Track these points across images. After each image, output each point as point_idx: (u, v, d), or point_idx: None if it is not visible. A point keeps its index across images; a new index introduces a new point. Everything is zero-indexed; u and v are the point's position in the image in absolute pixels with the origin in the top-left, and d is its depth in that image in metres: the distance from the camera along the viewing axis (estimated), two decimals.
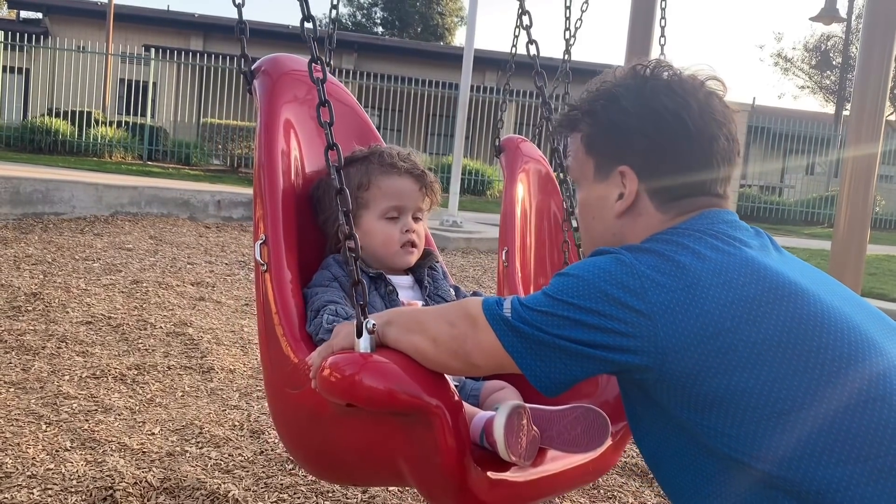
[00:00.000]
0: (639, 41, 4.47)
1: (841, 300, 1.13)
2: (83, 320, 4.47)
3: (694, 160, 1.22)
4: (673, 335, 1.05)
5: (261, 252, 1.67)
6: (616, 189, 1.25)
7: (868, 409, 1.01)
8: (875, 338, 1.09)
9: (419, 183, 1.77)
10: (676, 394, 1.08)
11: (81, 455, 2.80)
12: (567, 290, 1.11)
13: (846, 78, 25.47)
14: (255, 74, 1.86)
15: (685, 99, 1.21)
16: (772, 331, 1.04)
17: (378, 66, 19.93)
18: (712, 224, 1.19)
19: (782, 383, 1.03)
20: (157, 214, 8.21)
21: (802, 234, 14.37)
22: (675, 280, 1.08)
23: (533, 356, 1.12)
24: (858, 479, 0.99)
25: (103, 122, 15.45)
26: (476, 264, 7.68)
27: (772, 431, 1.02)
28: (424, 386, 1.24)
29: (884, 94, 3.89)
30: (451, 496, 1.32)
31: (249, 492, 2.64)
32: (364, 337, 1.28)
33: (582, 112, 1.30)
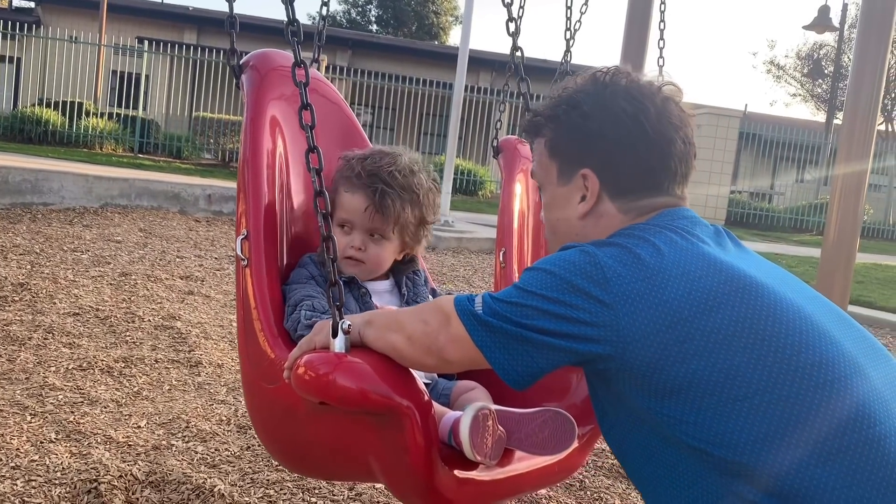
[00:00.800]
0: (634, 44, 4.48)
1: (793, 292, 1.18)
2: (70, 311, 4.44)
3: (652, 162, 1.27)
4: (633, 324, 1.10)
5: (242, 247, 1.68)
6: (578, 191, 1.31)
7: (817, 393, 1.06)
8: (825, 326, 1.14)
9: (368, 202, 1.71)
10: (637, 383, 1.13)
11: (66, 447, 2.78)
12: (534, 281, 1.16)
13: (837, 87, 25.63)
14: (243, 69, 1.86)
15: (643, 103, 1.27)
16: (727, 320, 1.09)
17: (372, 64, 19.91)
18: (672, 221, 1.24)
19: (737, 370, 1.07)
20: (147, 207, 8.17)
21: (791, 240, 14.45)
22: (635, 271, 1.13)
23: (500, 349, 1.17)
24: (808, 461, 1.03)
25: (95, 113, 15.34)
26: (467, 264, 7.68)
27: (727, 417, 1.06)
28: (396, 387, 1.28)
29: (876, 104, 3.91)
30: (419, 494, 1.37)
31: (235, 487, 2.63)
32: (339, 337, 1.31)
33: (545, 118, 1.36)
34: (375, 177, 1.72)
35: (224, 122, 15.20)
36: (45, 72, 16.76)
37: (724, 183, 15.74)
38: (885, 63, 3.93)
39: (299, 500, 2.60)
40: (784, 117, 28.77)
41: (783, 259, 10.50)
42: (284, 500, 2.58)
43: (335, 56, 21.79)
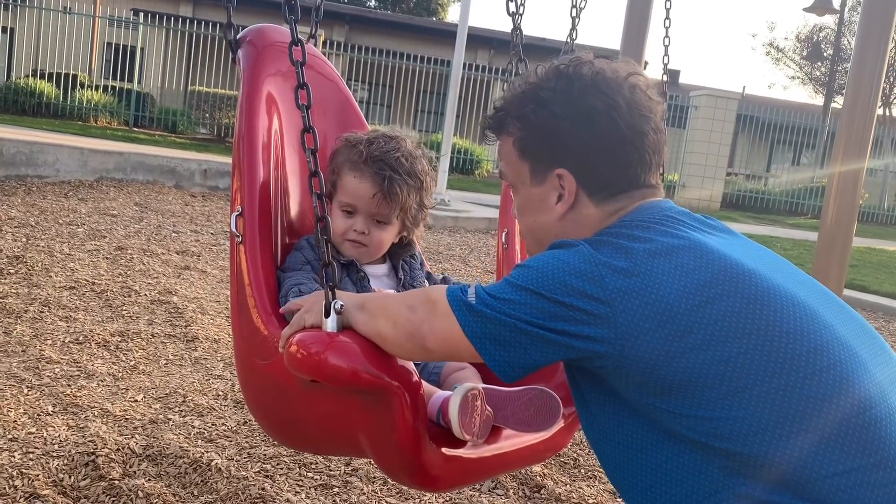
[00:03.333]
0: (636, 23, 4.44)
1: (785, 278, 1.18)
2: (66, 285, 4.43)
3: (627, 157, 1.26)
4: (631, 322, 1.09)
5: (236, 224, 1.69)
6: (555, 191, 1.29)
7: (815, 380, 1.07)
8: (818, 312, 1.14)
9: (375, 189, 1.72)
10: (636, 379, 1.11)
11: (63, 420, 2.79)
12: (529, 279, 1.15)
13: (836, 70, 25.56)
14: (239, 44, 1.85)
15: (613, 98, 1.25)
16: (722, 313, 1.09)
17: (369, 40, 19.73)
18: (654, 214, 1.24)
19: (735, 362, 1.07)
20: (142, 181, 8.13)
21: (786, 223, 14.48)
22: (630, 266, 1.12)
23: (493, 342, 1.16)
24: (809, 448, 1.04)
25: (89, 85, 15.19)
26: (463, 243, 7.68)
27: (729, 409, 1.06)
28: (386, 366, 1.30)
29: (877, 90, 3.90)
30: (407, 471, 1.40)
31: (232, 461, 2.64)
32: (332, 317, 1.33)
33: (511, 116, 1.33)
34: (382, 162, 1.72)
35: (220, 96, 15.09)
36: (39, 43, 16.58)
37: (720, 165, 15.72)
38: (886, 49, 3.91)
39: (296, 475, 2.62)
40: (782, 100, 28.72)
41: (778, 242, 10.53)
42: (281, 475, 2.60)
43: (332, 31, 21.59)
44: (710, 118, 15.51)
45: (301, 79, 1.48)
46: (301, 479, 2.60)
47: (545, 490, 2.72)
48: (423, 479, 1.43)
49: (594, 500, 2.67)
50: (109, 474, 2.44)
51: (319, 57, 2.03)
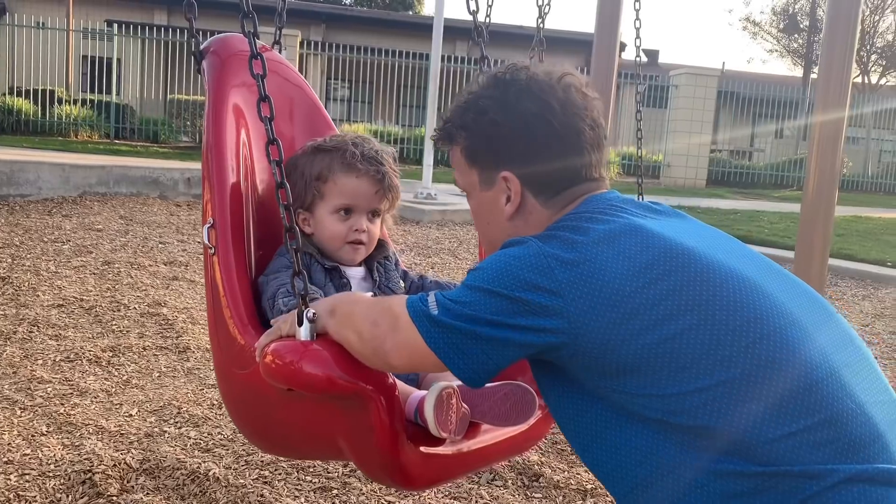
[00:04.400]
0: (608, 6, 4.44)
1: (724, 253, 1.23)
2: (54, 303, 4.41)
3: (566, 155, 1.32)
4: (582, 308, 1.14)
5: (209, 235, 1.70)
6: (502, 194, 1.35)
7: (757, 348, 1.11)
8: (758, 282, 1.19)
9: (377, 186, 1.77)
10: (592, 365, 1.16)
11: (58, 439, 2.78)
12: (483, 279, 1.19)
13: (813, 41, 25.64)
14: (204, 54, 1.85)
15: (545, 100, 1.31)
16: (666, 291, 1.14)
17: (347, 38, 19.65)
18: (597, 205, 1.30)
19: (681, 338, 1.12)
20: (126, 194, 8.08)
21: (772, 197, 14.55)
22: (576, 256, 1.17)
23: (455, 350, 1.19)
24: (756, 415, 1.09)
25: (67, 100, 15.08)
26: (451, 236, 7.68)
27: (680, 384, 1.11)
28: (360, 371, 1.33)
29: (850, 55, 3.92)
30: (386, 471, 1.44)
31: (230, 470, 2.64)
32: (304, 325, 1.35)
33: (456, 126, 1.40)
34: (375, 160, 1.76)
35: (200, 103, 15.00)
36: (14, 60, 16.43)
37: (704, 143, 15.77)
38: (857, 13, 3.93)
39: (294, 480, 2.62)
40: (762, 74, 28.80)
41: (765, 216, 10.58)
42: (280, 480, 2.61)
43: (309, 31, 21.48)
44: (691, 97, 15.55)
45: (262, 91, 1.49)
46: (300, 483, 2.60)
47: (543, 478, 2.73)
48: (403, 479, 1.46)
49: (592, 486, 2.69)
50: (107, 491, 2.44)
51: (284, 63, 2.04)
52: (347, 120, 20.10)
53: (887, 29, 28.08)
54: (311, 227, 1.79)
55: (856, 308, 6.05)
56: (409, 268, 2.00)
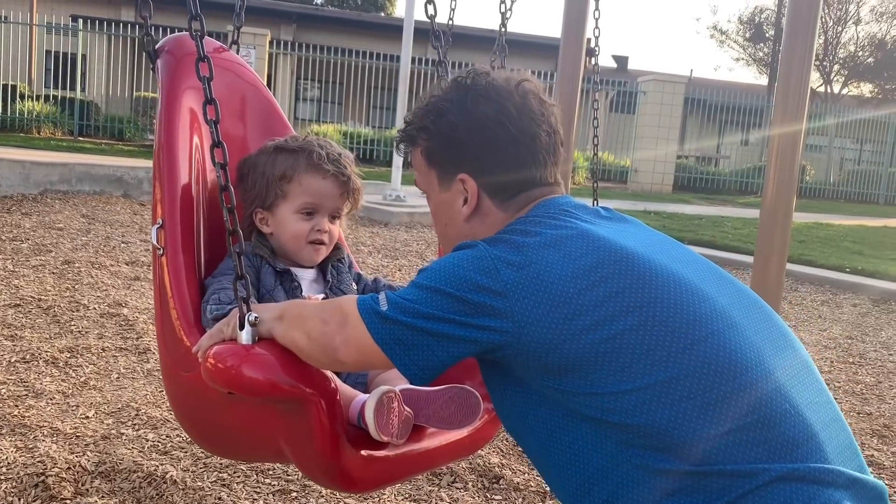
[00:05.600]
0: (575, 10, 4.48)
1: (668, 258, 1.26)
2: (11, 303, 4.32)
3: (521, 159, 1.35)
4: (526, 309, 1.17)
5: (157, 236, 1.70)
6: (460, 195, 1.38)
7: (694, 349, 1.15)
8: (698, 286, 1.23)
9: (342, 188, 1.78)
10: (535, 364, 1.19)
11: (11, 441, 2.73)
12: (433, 279, 1.22)
13: (778, 50, 26.09)
14: (158, 54, 1.85)
15: (503, 105, 1.34)
16: (608, 293, 1.17)
17: (318, 38, 19.55)
18: (549, 209, 1.33)
19: (621, 338, 1.15)
20: (89, 192, 7.95)
21: (737, 203, 14.78)
22: (522, 258, 1.20)
23: (401, 346, 1.21)
24: (692, 414, 1.11)
25: (30, 96, 14.79)
26: (420, 238, 7.68)
27: (618, 384, 1.14)
28: (301, 375, 1.33)
29: (808, 63, 3.99)
30: (327, 475, 1.45)
31: (188, 473, 2.61)
32: (246, 329, 1.35)
33: (416, 128, 1.43)
34: (338, 162, 1.78)
35: None
36: None
37: (671, 149, 15.97)
38: (816, 21, 4.01)
39: (253, 482, 2.60)
40: (728, 81, 29.24)
41: (729, 221, 10.74)
42: (238, 483, 2.58)
43: (279, 30, 21.33)
44: (659, 103, 15.74)
45: (208, 94, 1.48)
46: (258, 486, 2.58)
47: (503, 480, 2.74)
48: (345, 482, 1.47)
49: None
50: (61, 494, 2.39)
51: (240, 63, 2.04)
52: (317, 120, 20.00)
53: (850, 40, 28.71)
54: (269, 226, 1.78)
55: (814, 313, 6.18)
56: (376, 270, 2.01)
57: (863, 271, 7.69)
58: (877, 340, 5.43)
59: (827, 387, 1.27)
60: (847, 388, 4.26)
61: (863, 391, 4.23)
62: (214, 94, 1.49)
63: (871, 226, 12.00)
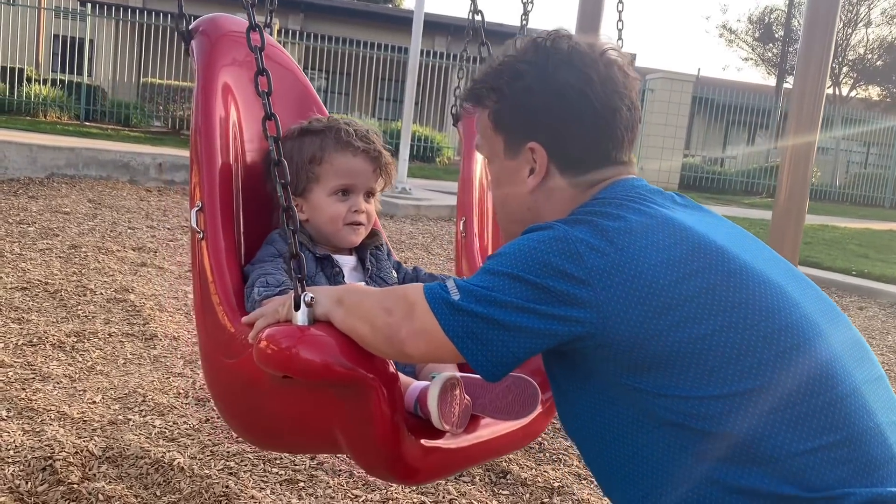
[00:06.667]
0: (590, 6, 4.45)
1: (752, 255, 1.18)
2: (18, 286, 4.31)
3: (599, 133, 1.26)
4: (612, 299, 1.08)
5: (197, 219, 1.64)
6: (527, 165, 1.28)
7: (785, 358, 1.08)
8: (787, 290, 1.15)
9: (374, 164, 1.73)
10: (616, 359, 1.10)
11: (18, 424, 2.72)
12: (507, 264, 1.12)
13: (787, 51, 26.01)
14: (192, 35, 1.81)
15: (587, 73, 1.24)
16: (700, 287, 1.09)
17: (326, 28, 19.50)
18: (626, 191, 1.23)
19: (711, 339, 1.07)
20: (95, 177, 7.94)
21: (742, 203, 14.75)
22: (608, 244, 1.10)
23: (474, 340, 1.12)
24: (779, 426, 1.05)
25: (37, 79, 14.77)
26: (425, 231, 7.66)
27: (705, 388, 1.06)
28: (359, 358, 1.26)
29: (825, 70, 3.97)
30: (386, 465, 1.36)
31: (195, 460, 2.61)
32: (301, 310, 1.29)
33: (487, 88, 1.32)
34: (367, 139, 1.73)
35: (174, 88, 14.80)
36: None
37: (677, 147, 15.94)
38: (834, 28, 3.98)
39: (260, 471, 2.59)
40: (736, 81, 29.16)
41: (734, 221, 10.71)
42: (245, 472, 2.58)
43: (287, 20, 21.28)
44: (667, 101, 15.70)
45: (260, 64, 1.43)
46: (265, 475, 2.57)
47: (511, 475, 2.73)
48: (404, 473, 1.40)
49: (559, 484, 2.70)
50: (68, 478, 2.39)
51: (276, 46, 2.00)
52: None
53: (859, 42, 28.60)
54: (304, 213, 1.73)
55: None
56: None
57: (869, 275, 7.67)
58: (883, 344, 5.42)
59: None
60: None
61: None
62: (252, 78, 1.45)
63: (877, 229, 11.97)
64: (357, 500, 2.50)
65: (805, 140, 3.98)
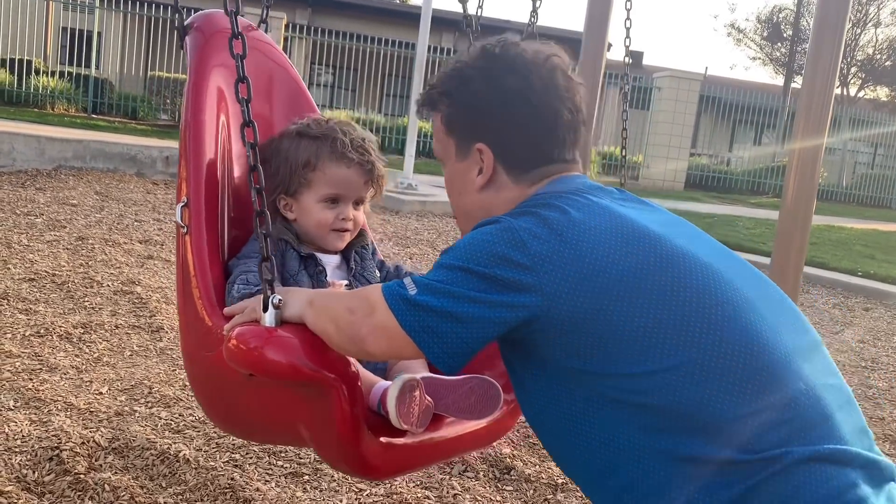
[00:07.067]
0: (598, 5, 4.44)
1: (687, 240, 1.26)
2: (26, 277, 4.34)
3: (541, 134, 1.35)
4: (554, 282, 1.16)
5: (182, 214, 1.69)
6: (476, 165, 1.37)
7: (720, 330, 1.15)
8: (717, 268, 1.22)
9: (367, 176, 1.77)
10: (564, 342, 1.17)
11: (26, 415, 2.74)
12: (457, 257, 1.20)
13: (796, 51, 25.91)
14: (187, 31, 1.84)
15: (528, 79, 1.32)
16: (634, 268, 1.17)
17: (333, 23, 19.50)
18: (567, 186, 1.32)
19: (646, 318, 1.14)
20: (102, 169, 7.96)
21: (749, 203, 14.71)
22: (549, 232, 1.19)
23: (429, 333, 1.18)
24: (718, 393, 1.11)
25: (45, 71, 14.81)
26: (431, 227, 7.67)
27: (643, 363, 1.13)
28: (323, 359, 1.32)
29: (834, 72, 3.95)
30: (346, 461, 1.45)
31: (201, 452, 2.62)
32: (269, 311, 1.34)
33: (439, 93, 1.41)
34: (363, 149, 1.76)
35: (181, 81, 14.79)
36: None
37: (683, 146, 15.90)
38: (843, 29, 3.97)
39: (265, 464, 2.61)
40: (744, 80, 29.07)
41: (740, 221, 10.69)
42: (251, 464, 2.59)
43: (294, 14, 21.27)
44: (674, 99, 15.65)
45: (241, 72, 1.47)
46: (271, 468, 2.59)
47: (515, 471, 2.74)
48: (363, 468, 1.46)
49: (563, 481, 2.71)
50: (75, 468, 2.40)
51: (269, 42, 2.03)
52: (330, 106, 19.96)
53: (868, 42, 28.48)
54: (293, 213, 1.77)
55: (826, 316, 6.15)
56: (385, 258, 1.99)
57: (875, 276, 7.65)
58: (889, 345, 5.41)
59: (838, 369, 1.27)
60: (859, 392, 4.24)
61: (875, 396, 4.22)
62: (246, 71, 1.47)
63: (884, 230, 11.93)
64: (361, 494, 2.51)
65: (813, 143, 3.97)
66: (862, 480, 1.10)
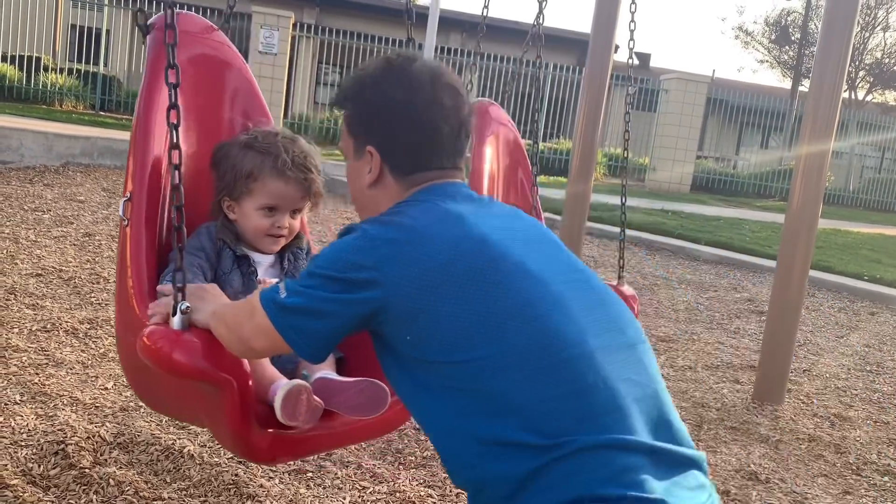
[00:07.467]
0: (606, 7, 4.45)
1: (520, 244, 1.40)
2: (33, 272, 4.36)
3: (419, 146, 1.49)
4: (394, 277, 1.31)
5: (125, 208, 1.80)
6: (367, 165, 1.52)
7: (526, 327, 1.29)
8: (538, 271, 1.37)
9: (304, 192, 1.93)
10: (404, 332, 1.33)
11: (32, 409, 2.76)
12: (321, 265, 1.37)
13: (804, 54, 25.86)
14: (149, 30, 1.93)
15: (412, 96, 1.47)
16: (465, 270, 1.31)
17: (340, 22, 19.53)
18: (431, 193, 1.47)
19: (466, 312, 1.29)
20: (110, 166, 8.00)
21: (755, 206, 14.67)
22: (395, 236, 1.34)
23: (294, 330, 1.35)
24: (522, 382, 1.26)
25: (53, 68, 14.86)
26: None
27: (462, 352, 1.28)
28: (220, 362, 1.50)
29: (841, 77, 3.95)
30: (236, 447, 1.65)
31: (206, 448, 2.63)
32: (177, 316, 1.51)
33: (343, 96, 1.57)
34: (303, 167, 1.91)
35: None
36: (0, 24, 16.17)
37: (690, 148, 15.87)
38: (851, 32, 3.96)
39: None
40: (751, 83, 28.99)
41: (746, 224, 10.66)
42: None
43: (302, 13, 21.31)
44: (681, 101, 15.62)
45: (173, 98, 1.59)
46: (275, 465, 2.60)
47: None
48: (251, 454, 1.66)
49: None
50: (80, 463, 2.42)
51: (226, 44, 2.13)
52: None
53: (877, 46, 28.39)
54: (235, 214, 1.93)
55: (832, 320, 6.14)
56: None
57: (881, 280, 7.63)
58: (895, 350, 5.39)
59: (658, 370, 1.39)
60: (864, 396, 4.23)
61: (880, 400, 4.21)
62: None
63: (891, 235, 11.90)
64: (364, 492, 2.52)
65: (820, 146, 3.96)
66: (646, 465, 1.21)
